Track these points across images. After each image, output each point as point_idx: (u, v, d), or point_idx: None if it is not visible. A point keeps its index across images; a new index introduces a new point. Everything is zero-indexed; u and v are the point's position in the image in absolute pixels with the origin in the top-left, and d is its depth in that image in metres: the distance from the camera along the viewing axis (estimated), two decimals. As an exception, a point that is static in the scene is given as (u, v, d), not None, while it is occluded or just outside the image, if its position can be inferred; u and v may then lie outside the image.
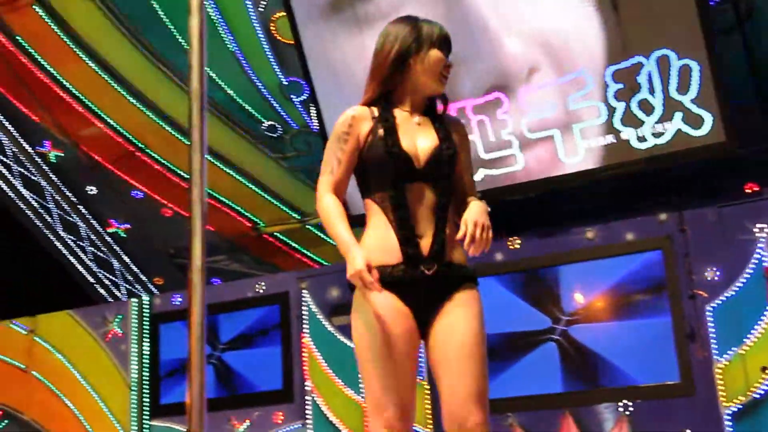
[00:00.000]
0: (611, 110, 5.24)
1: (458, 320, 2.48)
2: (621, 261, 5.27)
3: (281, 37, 6.34)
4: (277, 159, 7.00)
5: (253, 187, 7.23)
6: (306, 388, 6.05)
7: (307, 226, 7.27)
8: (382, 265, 2.47)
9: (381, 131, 2.56)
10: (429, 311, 2.50)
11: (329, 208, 2.58)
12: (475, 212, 2.52)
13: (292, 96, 6.60)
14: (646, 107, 5.16)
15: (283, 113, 6.73)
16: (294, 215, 7.28)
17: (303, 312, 6.19)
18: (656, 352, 5.08)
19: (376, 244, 2.53)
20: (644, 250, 5.21)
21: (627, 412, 5.08)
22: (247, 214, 7.44)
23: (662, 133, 5.13)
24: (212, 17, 6.29)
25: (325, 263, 7.24)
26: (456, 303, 2.50)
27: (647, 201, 5.40)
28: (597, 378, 5.22)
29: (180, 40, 6.39)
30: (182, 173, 7.17)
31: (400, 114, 2.61)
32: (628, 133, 5.23)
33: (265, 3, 6.26)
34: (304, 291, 6.23)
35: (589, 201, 5.65)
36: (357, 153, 2.59)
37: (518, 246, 5.55)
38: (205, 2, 2.59)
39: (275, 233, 7.54)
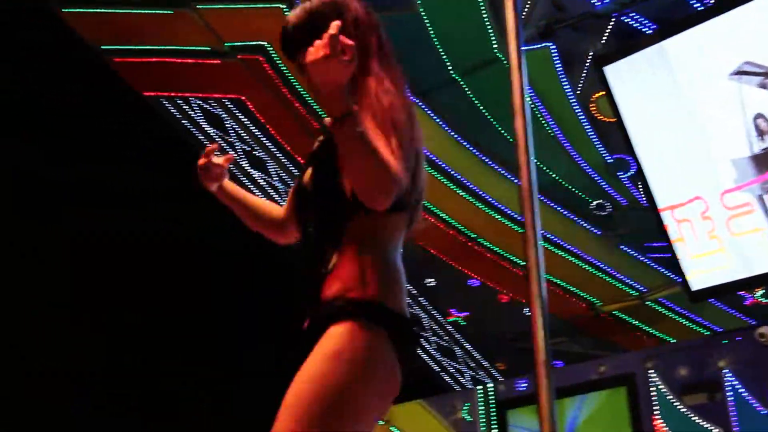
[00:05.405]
0: None
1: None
2: None
3: (602, 116, 6.33)
4: (608, 237, 6.91)
5: (587, 267, 7.17)
6: (662, 472, 5.81)
7: (647, 303, 7.06)
8: None
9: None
10: None
11: None
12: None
13: (618, 173, 6.53)
14: None
15: (610, 191, 6.66)
16: (631, 292, 7.11)
17: (652, 393, 5.98)
18: None
19: None
20: None
21: None
22: (582, 294, 7.38)
23: None
24: (530, 104, 6.43)
25: (670, 340, 6.96)
26: None
27: None
28: None
29: (499, 128, 6.57)
30: (515, 260, 7.29)
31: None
32: None
33: (582, 85, 6.30)
34: (650, 371, 6.03)
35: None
36: None
37: None
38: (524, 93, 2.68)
39: (613, 312, 7.40)
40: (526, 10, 5.79)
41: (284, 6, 6.09)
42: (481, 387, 7.12)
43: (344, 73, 1.86)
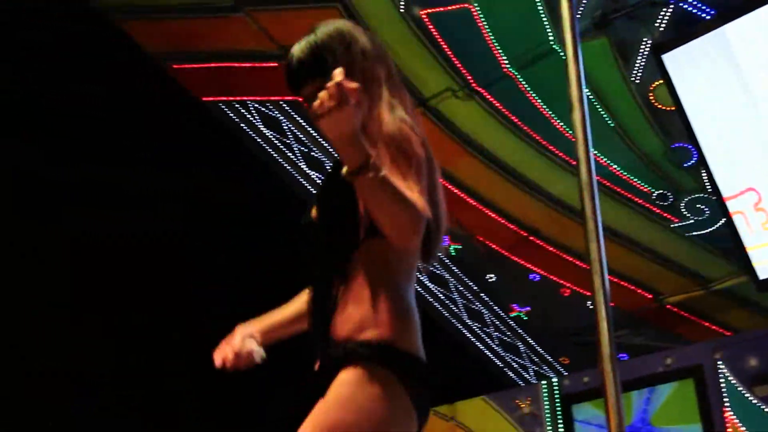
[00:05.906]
0: None
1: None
2: None
3: (661, 105, 6.24)
4: (672, 227, 6.81)
5: (650, 258, 7.08)
6: (733, 465, 5.71)
7: (712, 293, 6.95)
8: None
9: None
10: None
11: None
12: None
13: (680, 162, 6.43)
14: None
15: (672, 181, 6.57)
16: (697, 283, 7.00)
17: (721, 384, 5.88)
18: None
19: None
20: None
21: None
22: (646, 285, 7.29)
23: None
24: (588, 96, 6.37)
25: (737, 330, 6.84)
26: None
27: None
28: None
29: (555, 123, 6.51)
30: (577, 253, 7.22)
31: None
32: None
33: (640, 74, 6.22)
34: (719, 362, 5.93)
35: None
36: None
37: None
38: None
39: (678, 302, 7.29)
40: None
41: (339, 5, 6.12)
42: (545, 382, 7.07)
43: (355, 120, 1.79)
